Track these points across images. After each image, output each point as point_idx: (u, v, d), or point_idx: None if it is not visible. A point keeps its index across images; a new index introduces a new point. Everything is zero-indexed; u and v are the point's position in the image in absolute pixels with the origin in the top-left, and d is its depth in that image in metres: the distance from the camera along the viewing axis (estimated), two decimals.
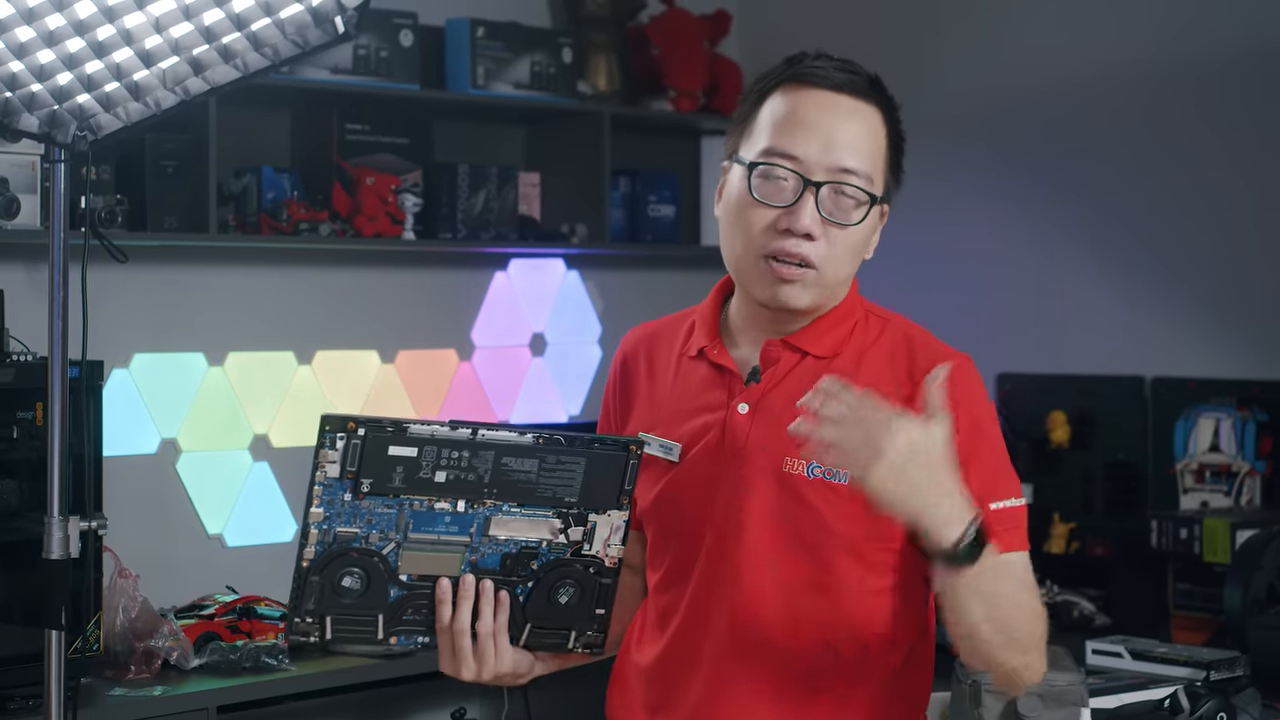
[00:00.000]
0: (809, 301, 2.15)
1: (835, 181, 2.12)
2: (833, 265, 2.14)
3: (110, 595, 3.63)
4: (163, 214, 3.91)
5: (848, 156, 2.12)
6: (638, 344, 2.33)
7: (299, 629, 2.01)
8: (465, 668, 2.07)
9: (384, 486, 1.98)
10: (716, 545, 2.16)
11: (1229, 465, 4.20)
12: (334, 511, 1.98)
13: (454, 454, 1.99)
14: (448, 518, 2.01)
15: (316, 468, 1.96)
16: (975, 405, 2.14)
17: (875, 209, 2.16)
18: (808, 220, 2.11)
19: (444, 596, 2.04)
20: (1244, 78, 4.33)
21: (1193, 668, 3.31)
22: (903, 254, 4.74)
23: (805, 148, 2.12)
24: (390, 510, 1.99)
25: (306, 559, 1.99)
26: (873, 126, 2.16)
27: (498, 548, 2.04)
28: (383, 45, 4.28)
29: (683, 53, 4.90)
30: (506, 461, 2.01)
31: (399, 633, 2.05)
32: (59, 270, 2.61)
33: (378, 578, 2.01)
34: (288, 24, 2.44)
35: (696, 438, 2.19)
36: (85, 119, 2.56)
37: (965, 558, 1.95)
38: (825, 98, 2.14)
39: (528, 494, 2.03)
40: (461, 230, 4.43)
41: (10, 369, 3.47)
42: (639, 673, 2.25)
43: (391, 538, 2.00)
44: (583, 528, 2.06)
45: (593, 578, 2.08)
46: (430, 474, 1.99)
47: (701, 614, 2.17)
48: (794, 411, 2.08)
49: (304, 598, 2.00)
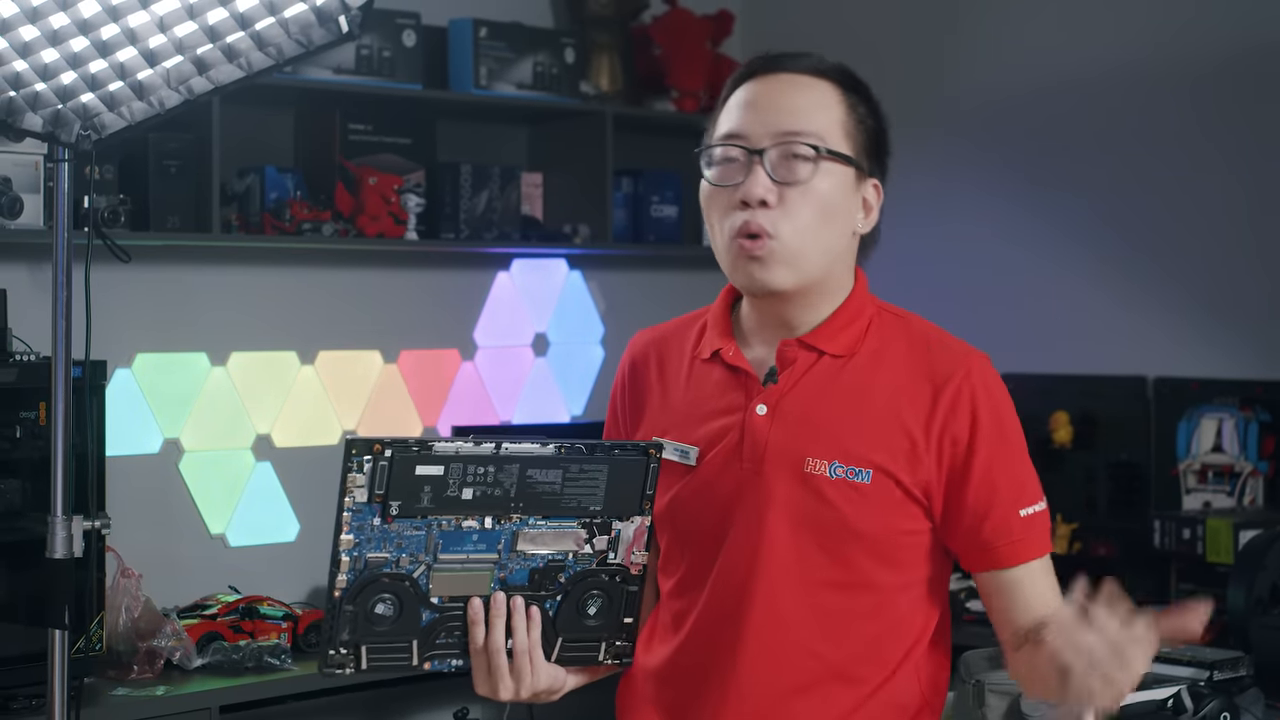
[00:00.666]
0: (785, 279, 2.12)
1: (780, 145, 2.11)
2: (795, 232, 2.11)
3: (113, 595, 3.63)
4: (166, 214, 3.91)
5: (790, 121, 2.11)
6: (647, 347, 2.30)
7: (335, 661, 1.98)
8: (503, 687, 2.05)
9: (412, 508, 1.95)
10: (737, 547, 2.14)
11: (1232, 465, 4.20)
12: (364, 537, 1.95)
13: (480, 470, 1.96)
14: (475, 535, 1.99)
15: (344, 493, 1.93)
16: (1000, 408, 2.14)
17: (846, 171, 2.13)
18: (758, 188, 2.10)
19: (476, 617, 2.02)
20: (1246, 77, 4.33)
21: (1196, 668, 3.30)
22: (905, 254, 4.75)
23: (749, 124, 2.13)
24: (419, 532, 1.97)
25: (339, 588, 1.95)
26: (823, 96, 2.14)
27: (525, 563, 2.02)
28: (386, 45, 4.28)
29: (685, 53, 4.90)
30: (531, 474, 1.99)
31: (433, 657, 2.03)
32: (62, 270, 2.61)
33: (410, 602, 1.99)
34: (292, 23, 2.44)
35: (714, 441, 2.17)
36: (89, 118, 2.56)
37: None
38: (771, 79, 2.15)
39: (553, 505, 2.01)
40: (464, 230, 4.43)
41: (13, 369, 3.47)
42: (649, 674, 2.22)
43: (421, 560, 1.98)
44: (607, 536, 2.04)
45: (619, 586, 2.06)
46: (458, 491, 1.96)
47: (721, 616, 2.16)
48: (813, 412, 2.07)
49: (338, 628, 1.97)
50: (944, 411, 2.11)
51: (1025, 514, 2.12)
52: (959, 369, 2.13)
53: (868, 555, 2.12)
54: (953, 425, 2.11)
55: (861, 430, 2.10)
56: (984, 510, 2.11)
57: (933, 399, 2.11)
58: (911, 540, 2.13)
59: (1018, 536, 2.11)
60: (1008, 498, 2.10)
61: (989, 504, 2.11)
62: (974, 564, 2.14)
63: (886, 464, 2.10)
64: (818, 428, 2.10)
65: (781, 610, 2.12)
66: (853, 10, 5.07)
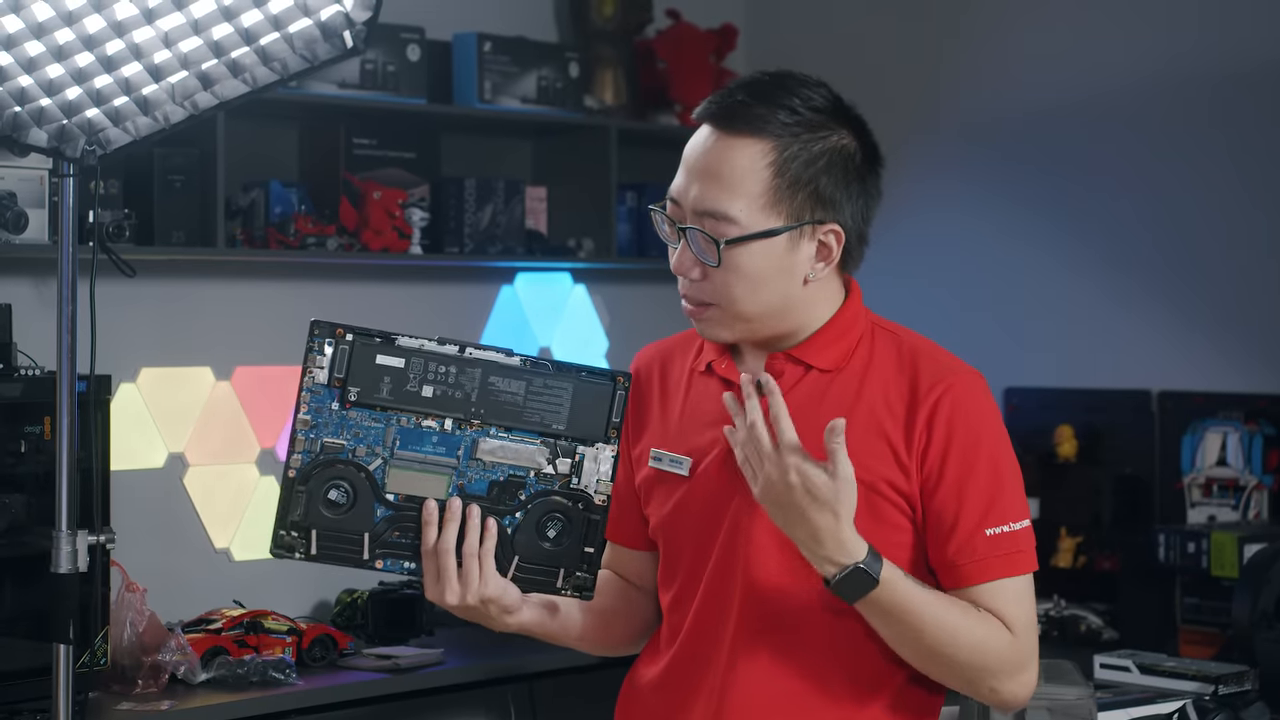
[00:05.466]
0: (728, 335, 2.18)
1: (692, 226, 2.14)
2: (730, 300, 2.14)
3: (118, 609, 3.63)
4: (170, 228, 3.91)
5: (709, 198, 2.12)
6: (650, 361, 2.33)
7: (284, 542, 2.01)
8: (449, 590, 2.04)
9: (371, 397, 2.00)
10: (724, 557, 2.17)
11: (1236, 479, 4.20)
12: (321, 420, 1.99)
13: (441, 368, 2.01)
14: (435, 437, 2.02)
15: (304, 373, 1.99)
16: (978, 425, 2.14)
17: (760, 243, 2.12)
18: (685, 262, 2.16)
19: (430, 518, 2.03)
20: (1251, 92, 4.34)
21: (1201, 682, 3.30)
22: (910, 267, 4.75)
23: (679, 190, 2.16)
24: (378, 424, 2.01)
25: (293, 468, 1.99)
26: (751, 162, 2.12)
27: (485, 474, 2.04)
28: (390, 60, 4.28)
29: (689, 67, 4.90)
30: (493, 381, 2.03)
31: (384, 555, 2.04)
32: (67, 284, 2.61)
33: (364, 493, 2.01)
34: (296, 39, 2.44)
35: (706, 451, 2.20)
36: (94, 133, 2.57)
37: (841, 595, 2.04)
38: (701, 136, 2.17)
39: (514, 416, 2.04)
40: (468, 244, 4.44)
41: (18, 383, 3.48)
42: (646, 686, 2.25)
43: (378, 453, 2.01)
44: (570, 460, 2.06)
45: (581, 513, 2.07)
46: (417, 387, 2.01)
47: (711, 627, 2.18)
48: (799, 424, 2.08)
49: (290, 508, 2.00)
50: (920, 426, 2.12)
51: (992, 533, 2.11)
52: (940, 384, 2.14)
53: None
54: (927, 440, 2.12)
55: (848, 444, 2.11)
56: (949, 527, 2.12)
57: (913, 413, 2.13)
58: (899, 554, 2.13)
59: (981, 555, 2.11)
60: (974, 516, 2.11)
61: (954, 521, 2.12)
62: (944, 582, 2.14)
63: (871, 477, 2.11)
64: (803, 440, 2.11)
65: (769, 623, 2.13)
66: (856, 23, 5.07)
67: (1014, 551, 2.13)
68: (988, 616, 2.11)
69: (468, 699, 4.06)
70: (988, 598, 2.12)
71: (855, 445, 2.09)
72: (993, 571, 2.11)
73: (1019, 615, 2.12)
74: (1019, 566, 2.13)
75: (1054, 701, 2.91)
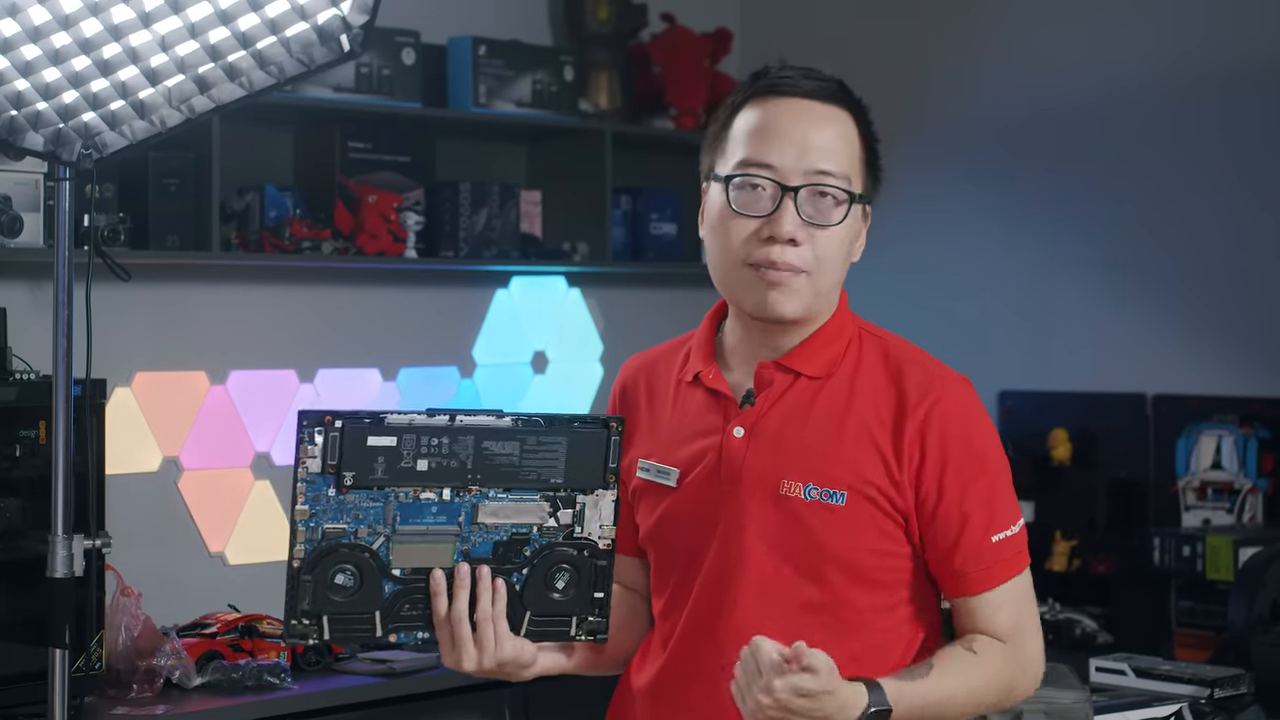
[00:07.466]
0: (798, 308, 2.14)
1: (812, 184, 2.12)
2: (820, 269, 2.14)
3: (113, 614, 3.63)
4: (165, 232, 3.91)
5: (823, 159, 2.13)
6: (637, 372, 2.32)
7: (296, 631, 2.01)
8: (466, 656, 2.05)
9: (367, 479, 1.99)
10: (715, 568, 2.16)
11: (1231, 482, 4.20)
12: (319, 508, 1.99)
13: (434, 441, 2.00)
14: (434, 507, 2.02)
15: (298, 463, 1.98)
16: (971, 433, 2.14)
17: (857, 208, 2.16)
18: (789, 226, 2.11)
19: (438, 588, 2.03)
20: (1248, 94, 4.34)
21: (1197, 685, 3.30)
22: (904, 269, 4.75)
23: (780, 155, 2.13)
24: (376, 504, 2.00)
25: (296, 558, 1.99)
26: (845, 129, 2.16)
27: (489, 535, 2.04)
28: (385, 63, 4.28)
29: (684, 71, 4.90)
30: (487, 445, 2.01)
31: (397, 629, 2.04)
32: (63, 288, 2.61)
33: (370, 574, 2.01)
34: (293, 42, 2.44)
35: (694, 463, 2.19)
36: (90, 137, 2.56)
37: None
38: (795, 105, 2.15)
39: (512, 477, 2.03)
40: (463, 248, 4.44)
41: (13, 387, 3.47)
42: (638, 694, 2.25)
43: (380, 531, 2.01)
44: (571, 510, 2.06)
45: (588, 560, 2.07)
46: (412, 463, 2.00)
47: (702, 636, 2.17)
48: (789, 434, 2.08)
49: (298, 598, 2.00)
50: (911, 439, 2.12)
51: (998, 539, 2.13)
52: (929, 396, 2.13)
53: (844, 576, 2.13)
54: (920, 458, 2.12)
55: (837, 452, 2.11)
56: (954, 539, 2.13)
57: (901, 424, 2.12)
58: (891, 562, 2.14)
59: (988, 563, 2.13)
60: (979, 525, 2.12)
61: (959, 533, 2.13)
62: (947, 590, 2.16)
63: (862, 486, 2.11)
64: (793, 450, 2.11)
65: (759, 631, 2.13)
66: (852, 27, 5.08)
67: (1016, 553, 2.15)
68: (975, 653, 2.13)
69: (462, 703, 4.06)
70: (991, 601, 2.13)
71: (848, 454, 2.10)
72: (998, 576, 2.13)
73: (1026, 615, 2.15)
74: (1018, 565, 2.15)
75: (1050, 705, 2.92)
